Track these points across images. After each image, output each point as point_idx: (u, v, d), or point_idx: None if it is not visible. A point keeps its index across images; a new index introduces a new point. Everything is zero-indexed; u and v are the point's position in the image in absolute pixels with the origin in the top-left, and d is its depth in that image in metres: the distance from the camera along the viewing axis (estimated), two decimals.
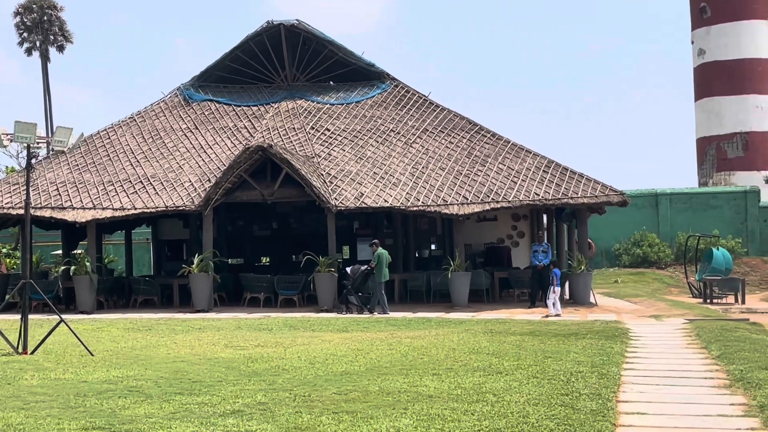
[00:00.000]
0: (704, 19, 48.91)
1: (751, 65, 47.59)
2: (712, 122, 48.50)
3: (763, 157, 47.38)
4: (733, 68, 47.69)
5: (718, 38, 48.29)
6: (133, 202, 26.10)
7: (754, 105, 47.46)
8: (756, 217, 41.04)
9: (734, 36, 47.88)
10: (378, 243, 24.08)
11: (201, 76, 32.49)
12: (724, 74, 47.84)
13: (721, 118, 48.09)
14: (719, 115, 48.17)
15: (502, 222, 31.26)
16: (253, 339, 16.61)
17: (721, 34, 48.19)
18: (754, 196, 41.44)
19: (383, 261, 23.44)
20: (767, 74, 47.75)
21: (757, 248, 40.53)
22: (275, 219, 32.63)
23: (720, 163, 48.04)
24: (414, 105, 30.74)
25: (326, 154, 27.83)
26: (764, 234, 40.93)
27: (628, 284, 35.59)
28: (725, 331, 16.68)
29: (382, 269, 23.37)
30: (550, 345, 14.86)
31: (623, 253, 40.66)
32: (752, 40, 47.81)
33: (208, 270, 24.83)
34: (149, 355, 14.26)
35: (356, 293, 23.57)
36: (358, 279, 23.56)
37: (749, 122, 47.46)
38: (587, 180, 25.79)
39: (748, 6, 47.73)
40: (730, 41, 47.90)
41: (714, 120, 48.41)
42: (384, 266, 23.42)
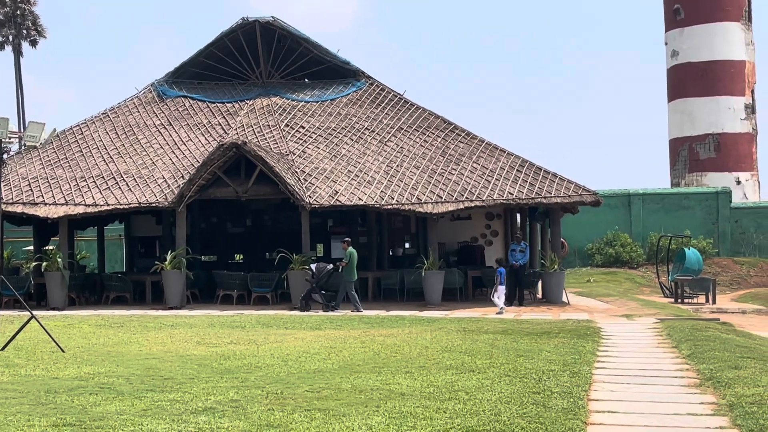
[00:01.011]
0: (678, 20, 49.26)
1: (723, 67, 47.98)
2: (685, 123, 48.86)
3: (734, 159, 47.80)
4: (705, 70, 48.06)
5: (691, 40, 48.65)
6: (105, 199, 25.95)
7: (727, 106, 47.86)
8: (727, 217, 41.41)
9: (707, 37, 48.25)
10: (349, 241, 24.09)
11: (175, 72, 32.33)
12: (697, 75, 48.20)
13: (694, 119, 48.46)
14: (692, 116, 48.54)
15: (476, 221, 31.33)
16: (225, 336, 16.56)
17: (694, 35, 48.56)
18: (726, 197, 41.82)
19: (354, 259, 23.44)
20: (740, 76, 48.15)
21: (728, 249, 40.91)
22: (249, 216, 32.55)
23: (692, 164, 48.41)
24: (389, 103, 30.75)
25: (301, 152, 27.79)
26: (735, 235, 41.32)
27: (601, 284, 35.81)
28: (696, 331, 16.81)
29: (353, 267, 23.37)
30: (523, 343, 14.92)
31: (596, 253, 40.90)
32: (725, 41, 48.20)
33: (180, 267, 24.74)
34: (121, 352, 14.19)
35: (321, 291, 23.55)
36: (323, 277, 23.55)
37: (721, 123, 47.85)
38: (561, 180, 25.92)
39: (721, 8, 48.13)
40: (703, 43, 48.26)
41: (686, 121, 48.77)
42: (354, 264, 23.43)
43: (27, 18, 59.87)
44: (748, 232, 41.38)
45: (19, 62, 60.13)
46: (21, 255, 35.89)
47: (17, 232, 36.09)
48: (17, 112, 58.89)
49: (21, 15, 59.53)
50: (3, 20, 59.35)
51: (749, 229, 41.42)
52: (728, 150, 47.79)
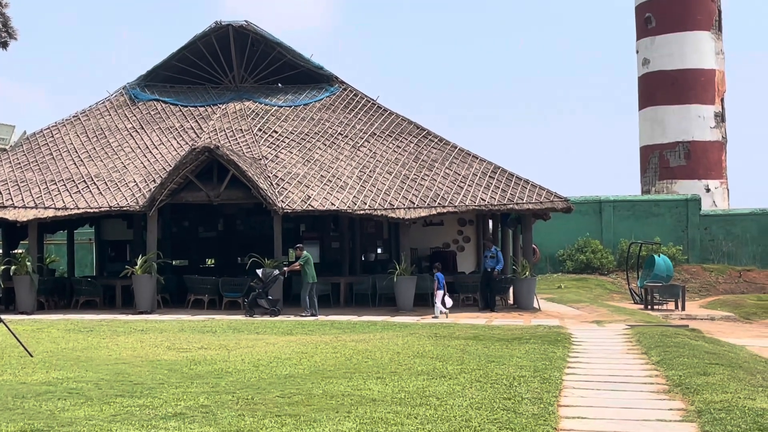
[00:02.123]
0: (649, 29, 49.64)
1: (694, 75, 48.40)
2: (656, 131, 49.23)
3: (704, 166, 48.21)
4: (676, 78, 48.47)
5: (663, 48, 49.02)
6: (76, 202, 25.76)
7: (697, 114, 48.26)
8: (697, 225, 41.76)
9: (678, 46, 48.65)
10: (302, 247, 24.20)
11: (147, 75, 32.18)
12: (668, 84, 48.59)
13: (664, 127, 48.83)
14: (662, 124, 48.91)
15: (449, 227, 31.42)
16: (196, 341, 16.48)
17: (665, 44, 48.94)
18: (695, 205, 42.18)
19: (311, 262, 23.53)
20: (710, 84, 48.58)
21: (697, 256, 41.25)
22: (221, 221, 32.47)
23: (662, 172, 48.78)
24: (362, 109, 30.77)
25: (273, 156, 27.74)
26: (704, 242, 41.68)
27: (572, 290, 35.98)
28: (665, 337, 16.93)
29: (311, 270, 23.45)
30: (494, 349, 14.96)
31: (567, 259, 41.10)
32: (696, 50, 48.62)
33: (151, 271, 24.61)
34: (90, 357, 14.08)
35: (266, 296, 23.58)
36: (269, 283, 23.61)
37: (691, 131, 48.24)
38: (532, 186, 26.03)
39: (692, 17, 48.56)
40: (674, 51, 48.65)
41: (657, 129, 49.14)
42: (311, 267, 23.51)
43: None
44: (717, 240, 41.76)
45: None
46: None
47: None
48: None
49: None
50: None
51: (718, 237, 41.79)
52: (698, 158, 48.19)
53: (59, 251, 37.79)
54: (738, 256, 41.36)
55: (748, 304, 32.50)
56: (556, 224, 35.24)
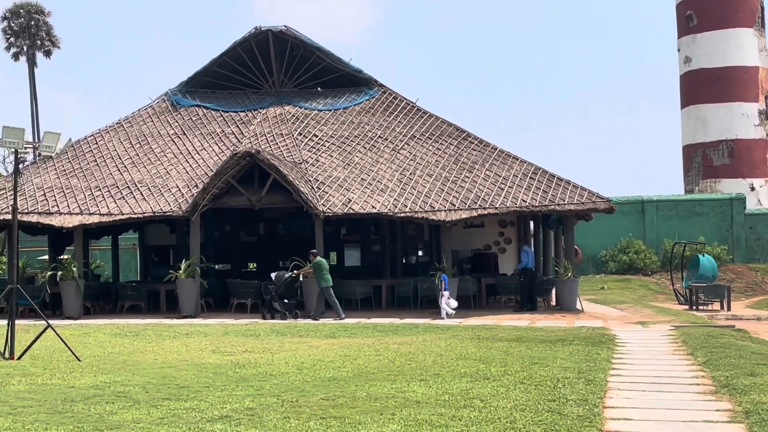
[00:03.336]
0: (690, 27, 49.18)
1: (736, 73, 47.86)
2: (698, 130, 48.74)
3: (748, 165, 47.65)
4: (719, 76, 47.96)
5: (704, 46, 48.54)
6: (120, 208, 26.05)
7: (740, 112, 47.72)
8: (741, 224, 41.27)
9: (720, 44, 48.14)
10: (315, 253, 24.29)
11: (189, 81, 32.49)
12: (710, 82, 48.09)
13: (707, 125, 48.33)
14: (705, 123, 48.41)
15: (489, 228, 31.34)
16: (240, 344, 16.60)
17: (707, 41, 48.46)
18: (740, 204, 41.68)
19: (322, 268, 23.66)
20: (753, 82, 48.01)
21: (742, 255, 40.75)
22: (262, 225, 32.64)
23: (706, 171, 48.28)
24: (402, 111, 30.80)
25: (314, 160, 27.85)
26: (749, 241, 41.16)
27: (615, 291, 35.72)
28: (711, 338, 16.77)
29: (321, 276, 23.60)
30: (537, 351, 14.91)
31: (610, 260, 40.79)
32: (738, 47, 48.08)
33: (194, 275, 24.82)
34: (136, 361, 14.24)
35: (281, 299, 23.84)
36: (281, 286, 23.83)
37: (735, 130, 47.70)
38: (574, 187, 25.89)
39: (733, 14, 48.02)
40: (716, 49, 48.15)
41: (700, 127, 48.65)
42: (324, 272, 23.68)
43: (41, 29, 60.28)
44: (762, 239, 41.21)
45: (33, 73, 60.53)
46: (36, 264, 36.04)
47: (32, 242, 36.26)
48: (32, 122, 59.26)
49: (35, 26, 59.93)
50: (17, 31, 59.76)
51: (764, 236, 41.25)
52: (742, 156, 47.64)
53: (104, 256, 38.25)
54: None
55: None
56: (598, 225, 35.00)
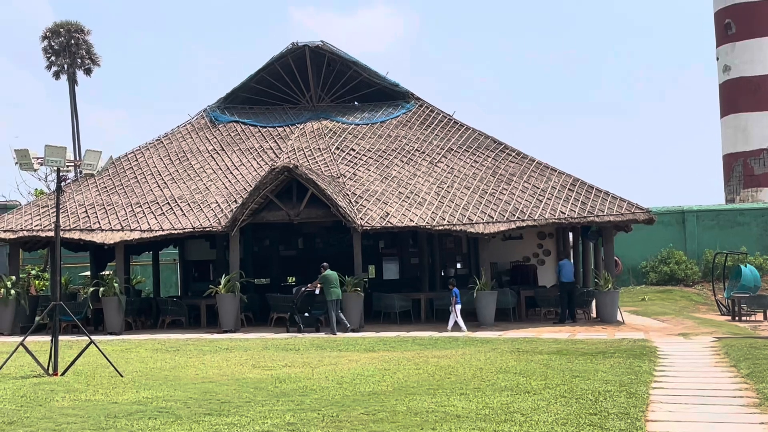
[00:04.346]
0: (729, 35, 48.77)
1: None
2: (739, 138, 48.25)
3: None
4: (759, 84, 47.49)
5: (743, 54, 48.11)
6: (160, 224, 26.29)
7: None
8: None
9: (759, 52, 47.70)
10: (326, 266, 24.31)
11: (227, 97, 32.76)
12: (750, 90, 47.63)
13: (748, 134, 47.84)
14: (745, 131, 47.92)
15: (528, 240, 31.23)
16: (280, 359, 16.67)
17: (746, 50, 48.03)
18: None
19: (330, 281, 23.69)
20: None
21: None
22: (301, 239, 32.76)
23: (747, 180, 47.74)
24: (439, 124, 30.82)
25: (351, 174, 27.94)
26: None
27: (656, 302, 35.38)
28: (754, 349, 16.57)
29: (328, 289, 23.65)
30: (578, 364, 14.82)
31: (650, 271, 40.43)
32: None
33: (234, 290, 24.96)
34: (178, 376, 14.35)
35: (300, 313, 24.17)
36: (299, 300, 24.19)
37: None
38: (613, 198, 25.74)
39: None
40: (756, 57, 47.71)
41: (740, 136, 48.16)
42: (332, 286, 23.69)
43: (81, 47, 61.06)
44: None
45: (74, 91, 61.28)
46: (78, 280, 36.47)
47: (75, 258, 36.66)
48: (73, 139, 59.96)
49: (75, 44, 60.73)
50: (58, 50, 60.58)
51: None
52: None
53: (145, 272, 38.59)
54: None
55: None
56: (638, 236, 34.72)
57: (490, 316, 24.57)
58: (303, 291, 24.42)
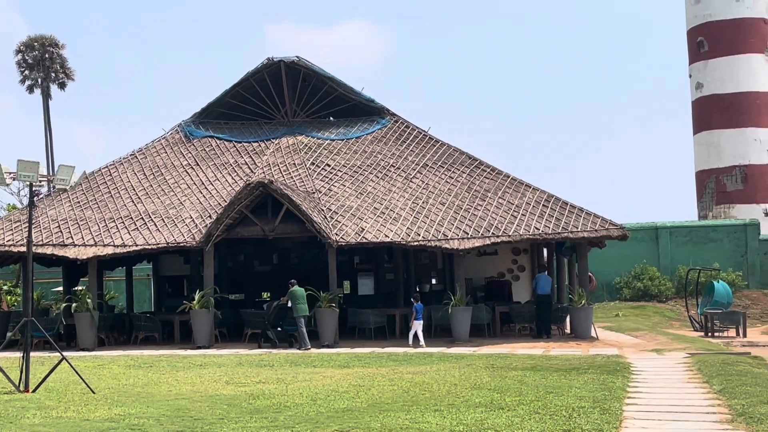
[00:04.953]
0: (701, 52, 49.26)
1: (748, 98, 47.85)
2: (711, 155, 48.69)
3: (762, 190, 47.50)
4: (731, 101, 47.96)
5: (716, 72, 48.60)
6: (134, 239, 26.15)
7: (753, 138, 47.67)
8: (756, 250, 41.07)
9: (732, 69, 48.20)
10: (293, 282, 24.39)
11: (202, 112, 32.68)
12: (723, 107, 48.10)
13: (720, 151, 48.28)
14: (718, 149, 48.37)
15: (503, 256, 31.31)
16: (254, 375, 16.59)
17: (718, 67, 48.53)
18: (754, 229, 41.51)
19: (297, 297, 23.79)
20: (765, 107, 47.99)
21: (757, 281, 40.53)
22: (276, 254, 32.66)
23: (719, 196, 48.15)
24: (414, 140, 30.89)
25: (327, 190, 27.93)
26: (765, 267, 40.94)
27: (629, 318, 35.56)
28: (727, 365, 16.67)
29: (295, 305, 23.76)
30: (552, 380, 14.85)
31: (624, 287, 40.66)
32: (750, 73, 48.12)
33: (208, 306, 24.84)
34: (151, 393, 14.25)
35: (273, 328, 24.24)
36: (271, 314, 24.25)
37: (748, 155, 47.64)
38: (587, 214, 25.87)
39: (744, 40, 48.09)
40: (728, 75, 48.20)
41: (713, 153, 48.60)
42: (299, 302, 23.77)
43: (55, 61, 60.76)
44: None
45: (48, 105, 60.92)
46: (50, 296, 36.17)
47: (47, 273, 36.38)
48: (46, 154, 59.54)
49: (49, 58, 60.43)
50: (32, 64, 60.24)
51: None
52: (755, 181, 47.52)
53: (118, 287, 38.34)
54: None
55: None
56: (611, 252, 34.91)
57: (465, 331, 24.58)
58: (275, 305, 24.42)
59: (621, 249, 36.27)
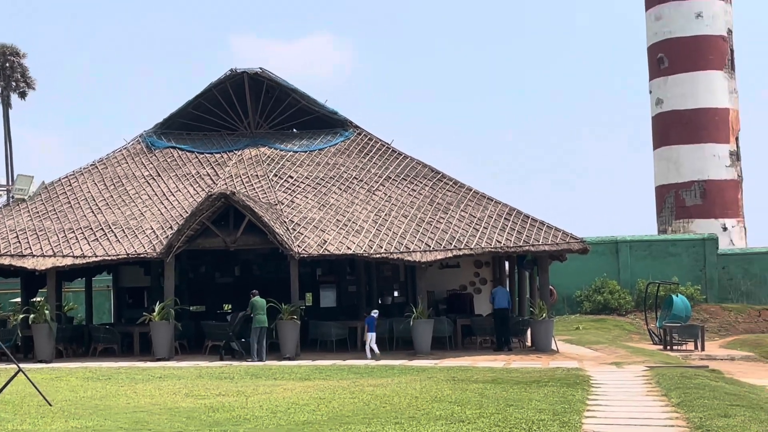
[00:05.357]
0: (662, 69, 49.79)
1: (707, 114, 48.41)
2: (671, 170, 49.17)
3: (720, 205, 48.06)
4: (690, 117, 48.50)
5: (676, 88, 49.13)
6: (94, 250, 25.91)
7: (712, 153, 48.20)
8: (714, 264, 41.51)
9: (691, 86, 48.73)
10: (254, 293, 24.44)
11: (164, 123, 32.48)
12: (682, 123, 48.61)
13: (679, 166, 48.78)
14: (677, 164, 48.87)
15: (465, 269, 31.37)
16: (214, 388, 16.49)
17: (678, 83, 49.05)
18: (713, 244, 41.97)
19: (256, 308, 23.85)
20: (723, 123, 48.56)
21: (715, 295, 40.95)
22: (238, 266, 32.49)
23: (678, 211, 48.65)
24: (377, 153, 30.92)
25: (289, 202, 27.87)
26: (723, 281, 41.38)
27: (590, 331, 35.77)
28: (685, 379, 16.83)
29: (258, 315, 23.83)
30: (512, 393, 14.90)
31: (584, 300, 40.89)
32: (709, 89, 48.68)
33: (169, 317, 24.67)
34: (109, 405, 14.11)
35: (238, 339, 24.19)
36: (237, 325, 24.22)
37: (707, 170, 48.17)
38: (548, 227, 26.04)
39: (703, 57, 48.68)
40: (687, 91, 48.73)
41: (672, 168, 49.09)
42: (258, 313, 23.83)
43: (16, 70, 60.26)
44: (735, 279, 41.47)
45: (8, 114, 60.39)
46: (8, 307, 35.68)
47: (5, 284, 35.85)
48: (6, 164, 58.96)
49: (10, 67, 59.90)
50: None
51: (737, 276, 41.50)
52: (714, 197, 48.07)
53: (77, 299, 37.91)
54: (757, 295, 41.01)
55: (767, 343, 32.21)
56: (572, 265, 35.12)
57: (427, 344, 24.61)
58: (240, 316, 24.30)
59: (582, 262, 36.49)
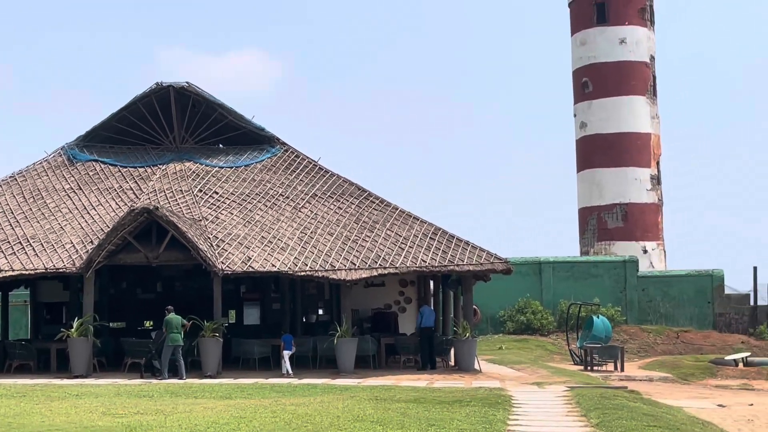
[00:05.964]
0: (586, 93, 50.68)
1: (630, 139, 49.37)
2: (593, 193, 50.00)
3: (641, 228, 48.99)
4: (613, 141, 49.40)
5: (599, 112, 50.03)
6: (10, 264, 25.31)
7: (633, 177, 49.16)
8: (635, 286, 42.28)
9: (614, 110, 49.68)
10: (170, 309, 24.27)
11: (86, 135, 31.90)
12: (605, 147, 49.49)
13: (602, 189, 49.62)
14: (600, 186, 49.71)
15: (390, 288, 31.38)
16: (132, 406, 16.18)
17: (601, 108, 49.97)
18: (633, 266, 42.76)
19: (170, 325, 23.69)
20: (645, 148, 49.58)
21: (635, 317, 41.68)
22: (160, 282, 32.04)
23: (600, 233, 49.45)
24: (304, 170, 30.82)
25: (214, 218, 27.60)
26: (642, 303, 42.16)
27: (513, 351, 36.08)
28: (604, 399, 17.03)
29: (172, 333, 23.65)
30: (435, 412, 14.91)
31: (508, 320, 41.25)
32: (631, 114, 49.69)
33: (87, 334, 24.19)
34: (22, 423, 13.74)
35: (160, 357, 23.93)
36: (160, 343, 23.95)
37: (628, 194, 49.08)
38: (473, 247, 26.21)
39: (627, 82, 49.71)
40: (610, 115, 49.67)
41: (595, 191, 49.92)
42: (172, 331, 23.64)
43: None
44: (654, 301, 42.28)
45: None
46: None
47: None
48: None
49: None
50: None
51: (656, 298, 42.32)
52: (635, 220, 48.98)
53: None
54: (675, 317, 41.88)
55: (685, 365, 32.87)
56: (496, 285, 35.38)
57: (350, 363, 24.53)
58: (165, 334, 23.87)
59: (505, 283, 36.83)
